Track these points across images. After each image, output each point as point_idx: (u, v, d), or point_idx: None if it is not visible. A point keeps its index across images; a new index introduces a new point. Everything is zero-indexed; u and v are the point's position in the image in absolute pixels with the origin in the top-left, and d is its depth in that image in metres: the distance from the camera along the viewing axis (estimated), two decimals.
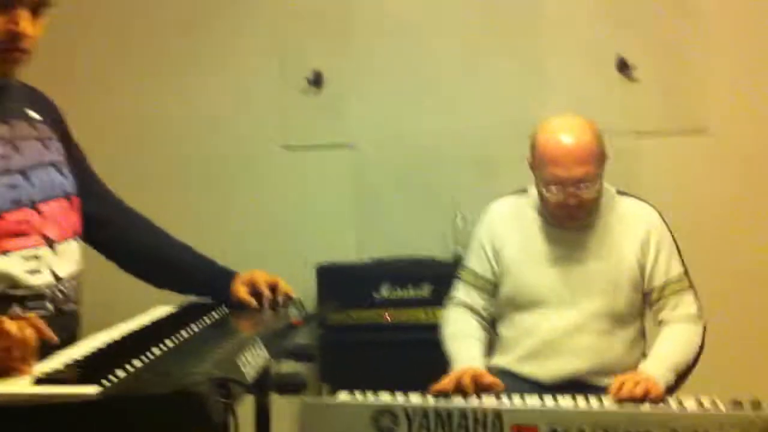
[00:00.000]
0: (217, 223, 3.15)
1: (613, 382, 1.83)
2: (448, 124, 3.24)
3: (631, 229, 2.12)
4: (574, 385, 1.95)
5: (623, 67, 3.18)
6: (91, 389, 1.08)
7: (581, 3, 3.21)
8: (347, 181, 3.28)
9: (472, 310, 2.20)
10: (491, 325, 2.23)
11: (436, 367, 2.02)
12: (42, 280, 1.44)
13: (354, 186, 3.28)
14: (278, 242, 3.15)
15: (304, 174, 3.29)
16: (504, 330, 2.18)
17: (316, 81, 3.25)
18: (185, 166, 3.30)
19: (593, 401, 1.70)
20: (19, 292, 1.40)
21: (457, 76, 3.24)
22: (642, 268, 2.10)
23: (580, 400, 1.70)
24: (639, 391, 1.76)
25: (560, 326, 2.07)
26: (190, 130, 3.31)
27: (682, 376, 1.99)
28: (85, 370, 1.18)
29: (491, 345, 2.21)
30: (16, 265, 1.39)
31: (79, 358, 1.26)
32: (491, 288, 2.20)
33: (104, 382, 1.10)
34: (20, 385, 1.12)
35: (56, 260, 1.47)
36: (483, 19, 3.23)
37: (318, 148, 3.29)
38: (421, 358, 2.40)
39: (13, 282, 1.39)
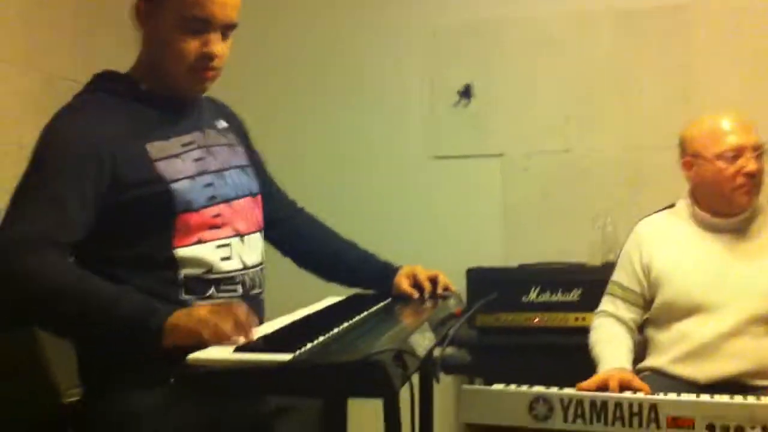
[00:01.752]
0: (373, 229, 3.29)
1: None
2: (596, 137, 3.27)
3: None
4: (731, 386, 1.94)
5: None
6: (284, 356, 1.22)
7: (734, 15, 3.16)
8: (496, 190, 3.36)
9: (619, 320, 2.23)
10: (638, 332, 2.25)
11: (585, 371, 2.05)
12: (233, 266, 1.60)
13: (503, 194, 3.36)
14: (430, 248, 3.26)
15: (454, 183, 3.39)
16: (658, 334, 2.19)
17: (466, 93, 3.36)
18: (345, 175, 3.47)
19: (751, 398, 1.70)
20: (214, 276, 1.57)
21: (606, 92, 3.27)
22: None
23: (737, 397, 1.71)
24: None
25: (717, 330, 2.07)
26: (346, 143, 3.49)
27: None
28: (277, 342, 1.33)
29: (643, 349, 2.23)
30: (211, 252, 1.57)
31: (270, 333, 1.41)
32: (640, 301, 2.23)
33: (294, 351, 1.24)
34: (225, 352, 1.28)
35: (244, 249, 1.63)
36: (634, 37, 3.24)
37: (468, 158, 3.39)
38: (570, 362, 2.42)
39: (209, 267, 1.56)
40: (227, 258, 1.59)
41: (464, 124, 3.38)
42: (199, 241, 1.56)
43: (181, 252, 1.54)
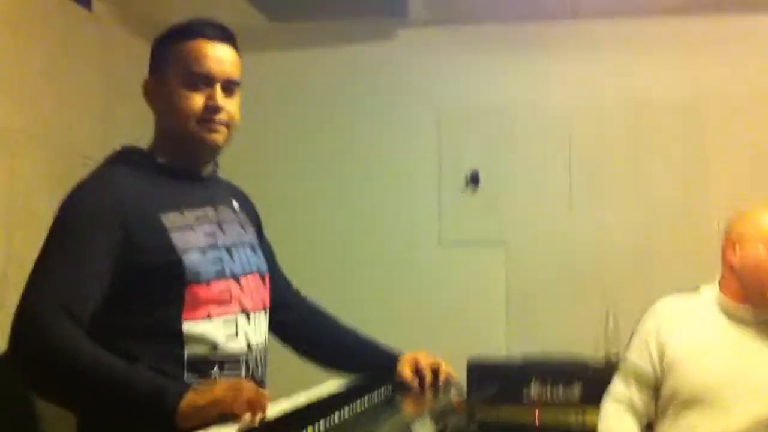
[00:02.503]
0: (376, 312, 3.30)
1: None
2: (603, 227, 3.30)
3: None
4: None
5: None
6: None
7: (745, 109, 3.23)
8: (500, 278, 3.37)
9: (629, 405, 2.20)
10: (647, 425, 2.21)
11: None
12: (238, 345, 1.60)
13: (506, 282, 3.37)
14: (432, 334, 3.24)
15: (459, 269, 3.41)
16: (665, 428, 2.15)
17: (474, 179, 3.41)
18: (350, 259, 3.50)
19: None
20: (218, 356, 1.57)
21: (612, 177, 3.32)
22: None
23: None
24: None
25: (728, 428, 2.04)
26: (352, 225, 3.53)
27: None
28: (278, 428, 1.33)
29: None
30: (218, 329, 1.57)
31: (270, 419, 1.41)
32: (651, 384, 2.19)
33: None
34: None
35: (250, 329, 1.64)
36: (644, 127, 3.32)
37: (473, 245, 3.42)
38: None
39: (214, 345, 1.56)
40: (233, 336, 1.60)
41: (470, 210, 3.42)
42: (208, 317, 1.56)
43: (189, 326, 1.54)
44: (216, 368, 1.57)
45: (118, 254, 1.51)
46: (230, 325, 1.60)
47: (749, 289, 2.15)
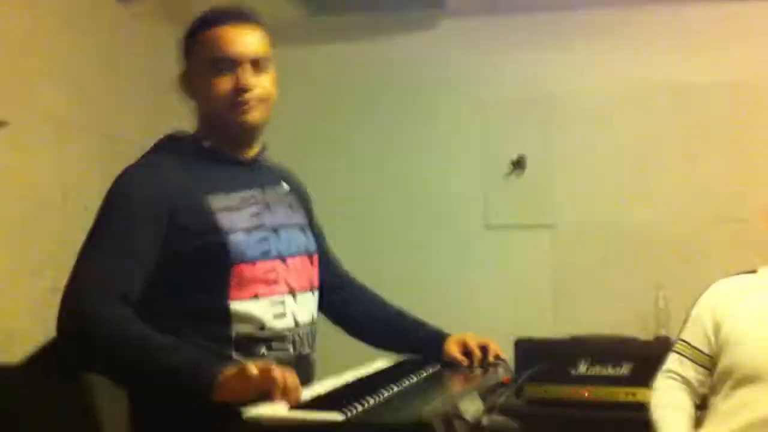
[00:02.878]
0: (425, 296, 3.32)
1: None
2: (650, 210, 3.27)
3: None
4: None
5: None
6: (337, 416, 1.25)
7: None
8: (547, 261, 3.37)
9: (683, 381, 2.20)
10: (702, 400, 2.21)
11: None
12: (285, 324, 1.63)
13: (553, 265, 3.36)
14: (480, 316, 3.25)
15: (506, 252, 3.42)
16: (719, 402, 2.14)
17: (520, 164, 3.41)
18: (398, 244, 3.52)
19: None
20: (265, 334, 1.59)
21: (660, 164, 3.29)
22: None
23: None
24: None
25: None
26: (400, 210, 3.55)
27: None
28: (329, 402, 1.36)
29: (701, 418, 2.19)
30: (265, 309, 1.60)
31: (322, 393, 1.44)
32: (706, 362, 2.19)
33: (346, 411, 1.27)
34: (279, 409, 1.32)
35: (297, 308, 1.66)
36: (690, 110, 3.27)
37: (519, 228, 3.42)
38: None
39: (261, 324, 1.59)
40: (281, 315, 1.62)
41: (517, 194, 3.42)
42: (255, 296, 1.59)
43: (236, 306, 1.57)
44: (264, 347, 1.59)
45: (164, 238, 1.54)
46: (278, 305, 1.62)
47: None
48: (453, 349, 1.84)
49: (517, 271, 3.40)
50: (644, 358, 2.46)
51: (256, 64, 1.66)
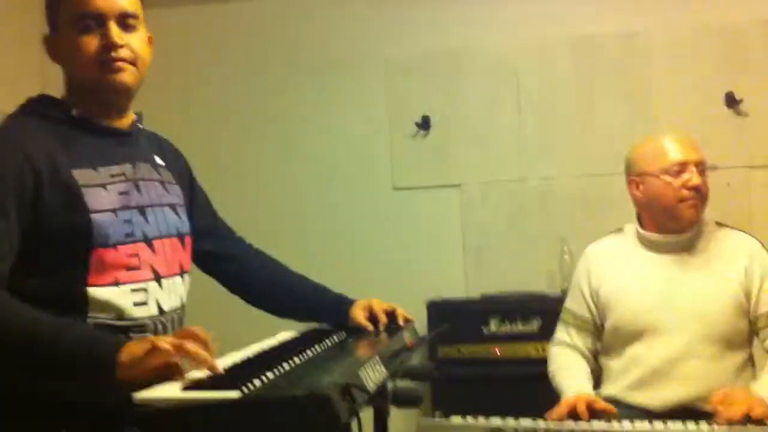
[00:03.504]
0: (331, 260, 3.31)
1: (716, 394, 1.85)
2: (553, 165, 3.31)
3: (733, 255, 2.14)
4: (685, 412, 1.96)
5: (732, 102, 3.18)
6: (232, 393, 1.21)
7: (688, 42, 3.25)
8: (455, 220, 3.38)
9: (574, 348, 2.26)
10: (594, 360, 2.27)
11: (546, 400, 2.06)
12: (146, 312, 1.53)
13: (462, 225, 3.38)
14: (391, 280, 3.27)
15: (413, 213, 3.41)
16: (610, 361, 2.21)
17: (425, 125, 3.39)
18: (302, 208, 3.49)
19: (703, 425, 1.71)
20: (124, 323, 1.50)
21: (562, 119, 3.32)
22: (747, 294, 2.11)
23: (690, 425, 1.72)
24: (756, 414, 1.78)
25: (666, 353, 2.09)
26: (307, 173, 3.50)
27: None
28: (226, 379, 1.31)
29: (597, 377, 2.25)
30: (125, 296, 1.50)
31: (219, 371, 1.39)
32: (591, 327, 2.25)
33: (243, 388, 1.23)
34: (172, 390, 1.26)
35: (162, 294, 1.57)
36: (590, 64, 3.31)
37: (427, 189, 3.41)
38: (531, 392, 2.42)
39: (119, 313, 1.50)
40: (142, 303, 1.54)
41: (423, 154, 3.40)
42: (115, 283, 1.50)
43: (93, 291, 1.48)
44: (119, 335, 1.48)
45: (28, 213, 1.44)
46: (140, 293, 1.53)
47: (661, 220, 2.20)
48: (358, 314, 1.81)
49: (426, 232, 3.41)
50: (552, 313, 2.49)
51: (125, 22, 1.56)
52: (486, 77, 3.38)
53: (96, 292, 1.48)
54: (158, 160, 1.70)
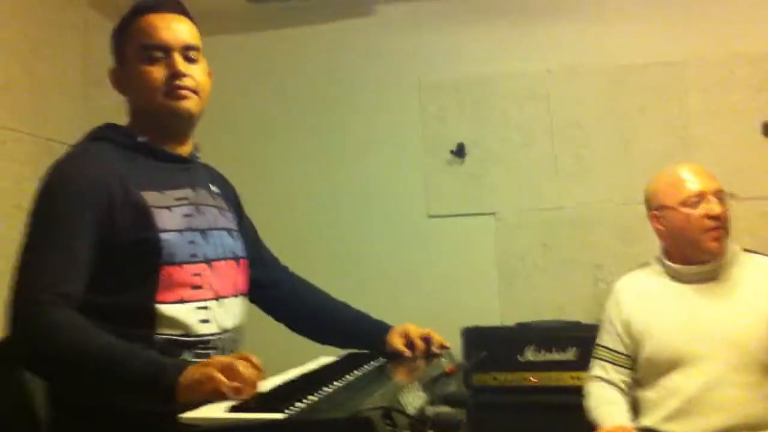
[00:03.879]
0: (366, 286, 3.32)
1: None
2: (589, 193, 3.31)
3: (761, 280, 2.13)
4: None
5: None
6: (277, 415, 1.23)
7: (723, 70, 3.24)
8: (490, 248, 3.39)
9: (610, 383, 2.26)
10: (629, 394, 2.27)
11: (582, 429, 2.07)
12: (210, 329, 1.60)
13: (496, 252, 3.38)
14: (426, 307, 3.27)
15: (449, 241, 3.42)
16: (646, 392, 2.21)
17: (459, 152, 3.41)
18: (338, 233, 3.51)
19: None
20: (190, 339, 1.56)
21: (598, 147, 3.32)
22: None
23: None
24: None
25: (702, 382, 2.09)
26: (341, 202, 3.53)
27: None
28: (269, 401, 1.33)
29: (633, 409, 2.24)
30: (191, 314, 1.57)
31: (263, 392, 1.42)
32: (626, 361, 2.26)
33: (287, 410, 1.25)
34: (217, 411, 1.29)
35: (222, 313, 1.63)
36: (627, 92, 3.31)
37: (462, 217, 3.43)
38: (567, 420, 2.43)
39: (186, 330, 1.56)
40: (205, 321, 1.59)
41: (458, 182, 3.42)
42: (181, 300, 1.56)
43: (162, 308, 1.54)
44: (187, 352, 1.56)
45: (102, 232, 1.51)
46: (203, 311, 1.59)
47: (687, 251, 2.21)
48: (395, 340, 1.84)
49: (461, 259, 3.41)
50: (588, 341, 2.49)
51: (188, 55, 1.64)
52: (520, 103, 3.39)
53: (164, 308, 1.54)
54: (214, 189, 1.78)
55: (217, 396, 1.34)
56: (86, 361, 1.40)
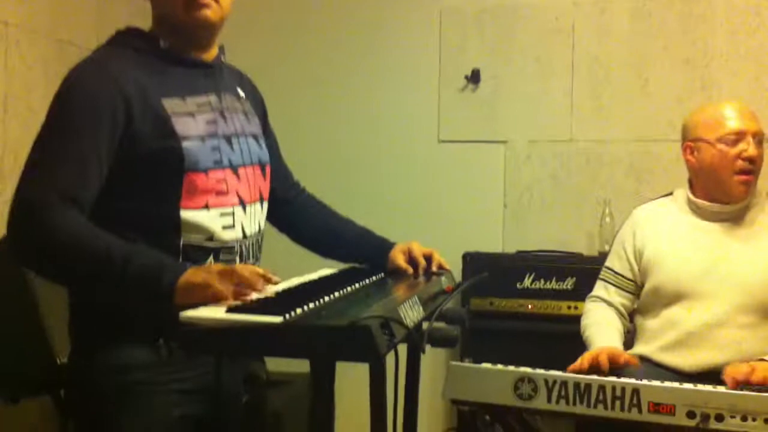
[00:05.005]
0: (372, 207, 3.32)
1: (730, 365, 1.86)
2: (602, 128, 3.28)
3: None
4: (715, 377, 1.97)
5: None
6: (275, 318, 1.25)
7: (750, 11, 3.17)
8: (499, 177, 3.38)
9: (609, 305, 2.27)
10: (629, 319, 2.29)
11: (575, 358, 2.08)
12: (233, 235, 1.61)
13: (505, 181, 3.38)
14: (429, 230, 3.28)
15: (457, 167, 3.41)
16: (647, 321, 2.22)
17: (475, 78, 3.37)
18: (350, 155, 3.50)
19: (709, 386, 1.73)
20: (214, 245, 1.58)
21: (617, 81, 3.28)
22: None
23: (720, 387, 1.74)
24: (755, 379, 1.79)
25: (704, 319, 2.10)
26: (354, 123, 3.51)
27: None
28: (268, 305, 1.36)
29: (631, 337, 2.26)
30: (215, 220, 1.58)
31: (263, 297, 1.44)
32: (630, 286, 2.27)
33: (286, 315, 1.27)
34: (216, 312, 1.31)
35: (245, 219, 1.64)
36: (648, 26, 3.25)
37: (472, 144, 3.41)
38: (561, 349, 2.45)
39: (210, 235, 1.57)
40: (229, 227, 1.60)
41: (471, 108, 3.39)
42: (206, 206, 1.57)
43: (187, 215, 1.54)
44: (211, 257, 1.58)
45: (119, 139, 1.50)
46: (227, 217, 1.60)
47: (711, 189, 2.20)
48: (398, 257, 1.85)
49: (468, 186, 3.41)
50: (588, 273, 2.51)
51: None
52: (541, 35, 3.34)
53: (188, 215, 1.55)
54: (241, 92, 1.76)
55: (214, 301, 1.36)
56: (87, 258, 1.42)
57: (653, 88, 3.24)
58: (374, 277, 1.75)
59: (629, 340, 2.25)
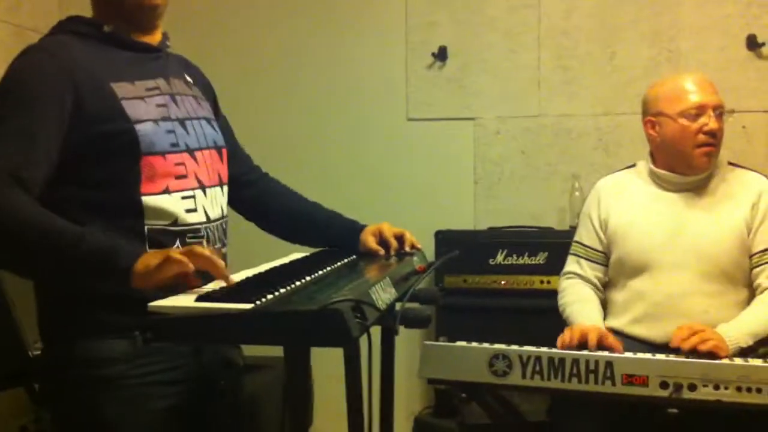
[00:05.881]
0: (341, 187, 3.32)
1: (680, 327, 1.88)
2: (570, 102, 3.28)
3: (742, 192, 2.16)
4: None
5: (753, 44, 3.13)
6: (245, 305, 1.24)
7: None
8: (468, 154, 3.37)
9: (584, 279, 2.28)
10: (603, 291, 2.30)
11: (550, 333, 2.08)
12: (197, 218, 1.59)
13: (474, 158, 3.37)
14: (399, 208, 3.28)
15: (426, 145, 3.40)
16: (615, 294, 2.24)
17: (441, 55, 3.35)
18: (314, 132, 3.47)
19: (704, 357, 1.75)
20: (179, 228, 1.56)
21: (585, 56, 3.28)
22: (749, 230, 2.13)
23: (691, 357, 1.76)
24: (704, 348, 1.80)
25: (670, 289, 2.12)
26: (319, 101, 3.48)
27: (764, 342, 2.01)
28: (238, 292, 1.34)
29: (604, 309, 2.28)
30: (177, 203, 1.55)
31: (231, 284, 1.42)
32: (601, 257, 2.28)
33: (256, 301, 1.26)
34: (186, 300, 1.29)
35: (207, 203, 1.62)
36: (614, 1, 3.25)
37: (441, 121, 3.40)
38: (535, 324, 2.48)
39: (174, 219, 1.55)
40: (192, 210, 1.58)
41: (439, 86, 3.38)
42: (166, 191, 1.54)
43: (148, 200, 1.52)
44: (178, 241, 1.56)
45: (69, 122, 1.48)
46: (189, 200, 1.58)
47: (673, 162, 2.21)
48: (369, 239, 1.84)
49: (438, 164, 3.40)
50: (559, 247, 2.52)
51: None
52: (510, 9, 3.32)
53: (150, 200, 1.53)
54: (189, 78, 1.74)
55: (176, 281, 1.34)
56: (41, 243, 1.38)
57: (620, 61, 3.25)
58: (345, 260, 1.74)
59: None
